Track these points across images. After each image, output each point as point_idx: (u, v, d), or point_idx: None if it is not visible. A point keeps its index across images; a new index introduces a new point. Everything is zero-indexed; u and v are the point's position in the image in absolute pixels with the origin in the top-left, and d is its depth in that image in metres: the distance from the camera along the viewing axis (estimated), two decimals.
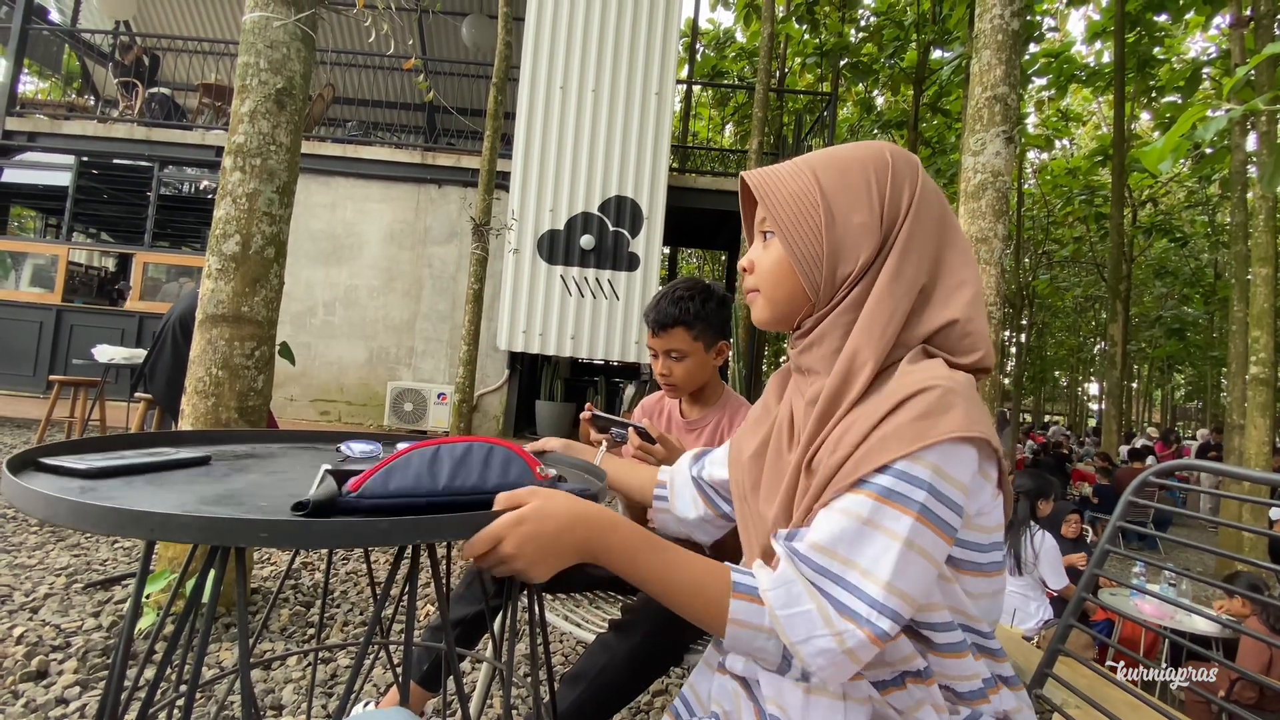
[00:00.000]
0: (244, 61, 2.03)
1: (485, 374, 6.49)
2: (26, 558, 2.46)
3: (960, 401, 0.58)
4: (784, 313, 0.69)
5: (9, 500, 0.61)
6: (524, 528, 0.58)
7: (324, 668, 1.80)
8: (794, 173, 0.67)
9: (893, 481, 0.57)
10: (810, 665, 0.57)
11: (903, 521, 0.56)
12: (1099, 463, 7.98)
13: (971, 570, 0.64)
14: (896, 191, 0.64)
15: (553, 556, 0.60)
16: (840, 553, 0.57)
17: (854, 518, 0.57)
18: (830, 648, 0.55)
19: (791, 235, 0.65)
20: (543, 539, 0.59)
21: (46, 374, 6.46)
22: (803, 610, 0.57)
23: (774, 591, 0.59)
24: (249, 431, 1.05)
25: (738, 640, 0.60)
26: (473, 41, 8.36)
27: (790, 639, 0.57)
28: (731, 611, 0.59)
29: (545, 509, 0.60)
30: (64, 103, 8.26)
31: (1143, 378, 26.39)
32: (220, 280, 1.99)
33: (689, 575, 0.61)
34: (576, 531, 0.60)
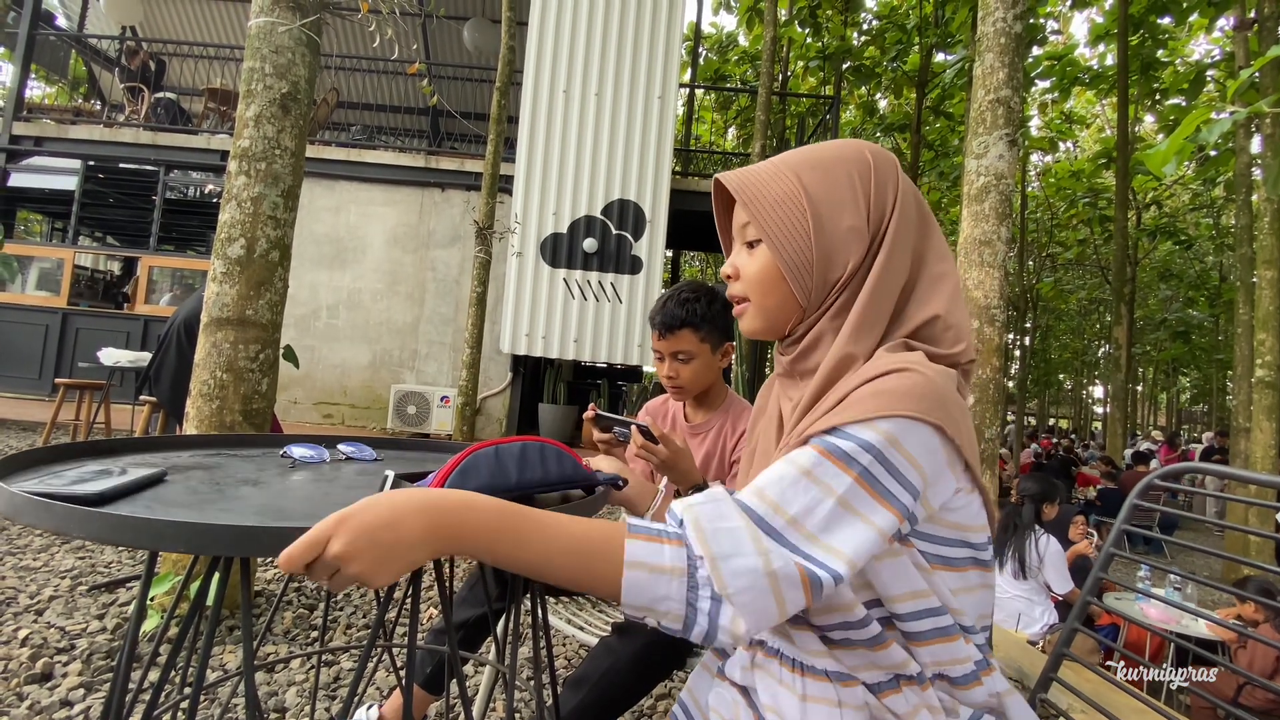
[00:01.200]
0: (249, 66, 2.04)
1: (488, 377, 6.50)
2: (32, 560, 2.47)
3: (933, 390, 0.57)
4: (775, 320, 0.68)
5: (7, 514, 0.61)
6: (351, 524, 0.49)
7: (327, 670, 1.80)
8: (775, 175, 0.65)
9: (839, 439, 0.56)
10: (730, 587, 0.51)
11: (842, 479, 0.54)
12: (1102, 467, 7.95)
13: (940, 565, 0.63)
14: (881, 192, 0.64)
15: (392, 552, 0.50)
16: (771, 495, 0.55)
17: (794, 466, 0.56)
18: (754, 566, 0.51)
19: (781, 242, 0.64)
20: (376, 533, 0.49)
21: (52, 377, 6.49)
22: (729, 526, 0.53)
23: (700, 507, 0.55)
24: (192, 438, 1.03)
25: (635, 591, 0.53)
26: (476, 46, 8.39)
27: (713, 551, 0.52)
28: (627, 554, 0.53)
29: (375, 500, 0.51)
30: (70, 107, 8.30)
31: (1148, 381, 26.28)
32: (225, 284, 2.00)
33: (574, 539, 0.54)
34: (413, 520, 0.51)
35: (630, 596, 0.53)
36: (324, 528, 0.49)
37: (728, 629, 0.52)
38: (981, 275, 2.21)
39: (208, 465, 0.90)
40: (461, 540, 0.52)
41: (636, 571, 0.53)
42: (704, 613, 0.52)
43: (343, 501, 0.53)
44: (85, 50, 9.17)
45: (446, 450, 1.22)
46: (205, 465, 0.90)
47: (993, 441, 2.21)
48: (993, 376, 2.20)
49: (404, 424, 6.34)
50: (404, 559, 0.51)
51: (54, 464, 0.82)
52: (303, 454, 0.98)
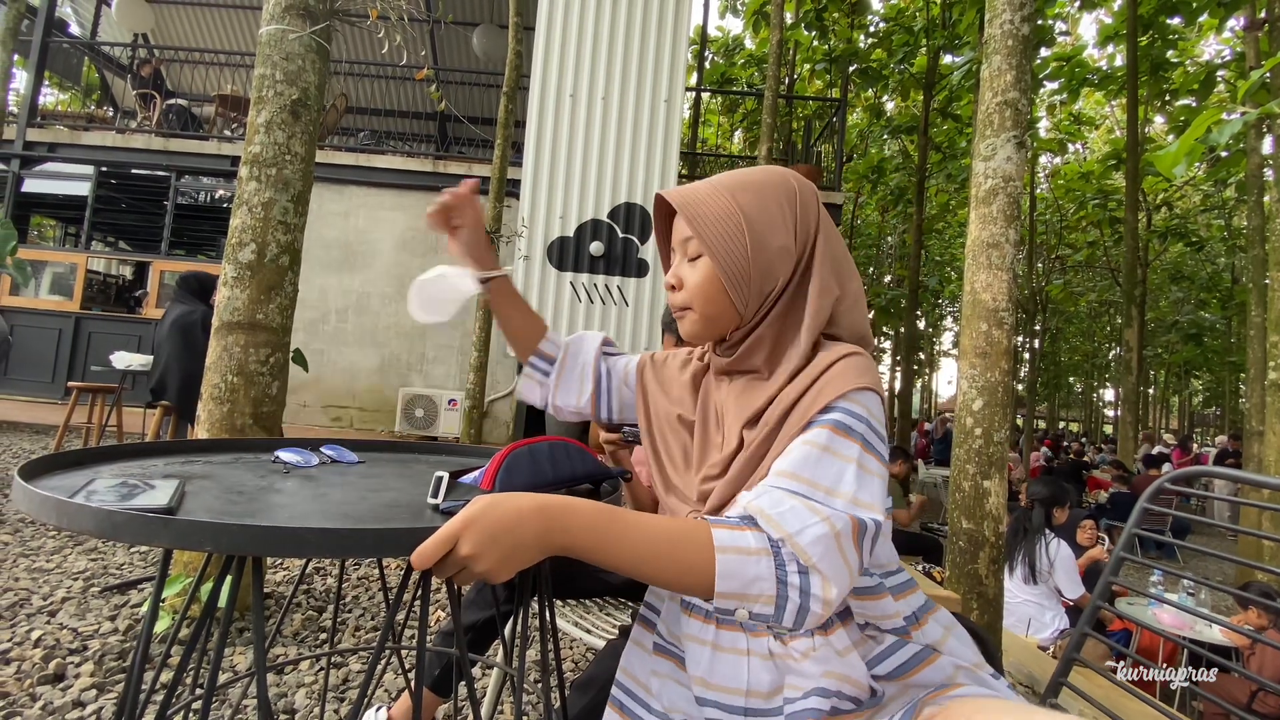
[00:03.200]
0: (260, 73, 2.06)
1: (496, 380, 6.52)
2: (45, 561, 2.50)
3: (873, 367, 0.70)
4: (715, 327, 0.76)
5: (27, 510, 0.62)
6: (478, 525, 0.55)
7: (336, 672, 1.81)
8: (713, 193, 0.73)
9: (840, 416, 0.65)
10: (812, 556, 0.58)
11: (852, 449, 0.64)
12: (1114, 470, 7.88)
13: None
14: (805, 216, 0.73)
15: (514, 552, 0.56)
16: (805, 475, 0.63)
17: (814, 446, 0.64)
18: (824, 533, 0.58)
19: (722, 257, 0.71)
20: (499, 534, 0.56)
21: (65, 380, 6.55)
22: (789, 506, 0.60)
23: (758, 500, 0.62)
24: (175, 443, 1.01)
25: (729, 575, 0.58)
26: (483, 51, 8.44)
27: (787, 530, 0.59)
28: (717, 541, 0.59)
29: (496, 504, 0.57)
30: (83, 114, 8.41)
31: (1159, 384, 26.05)
32: (236, 288, 2.02)
33: (664, 531, 0.60)
34: (532, 522, 0.57)
35: (725, 582, 0.58)
36: (453, 528, 0.56)
37: (819, 596, 0.58)
38: (989, 278, 2.20)
39: (207, 474, 0.91)
40: (571, 540, 0.58)
41: (728, 555, 0.58)
42: (795, 587, 0.58)
43: (384, 503, 0.54)
44: (98, 57, 9.29)
45: (425, 451, 1.23)
46: (206, 474, 0.91)
47: (1001, 444, 2.20)
48: (1001, 379, 2.19)
49: (412, 427, 6.36)
50: (522, 559, 0.57)
51: (70, 469, 0.83)
52: (292, 459, 0.99)
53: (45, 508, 0.61)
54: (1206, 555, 0.92)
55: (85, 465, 0.85)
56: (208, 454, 1.02)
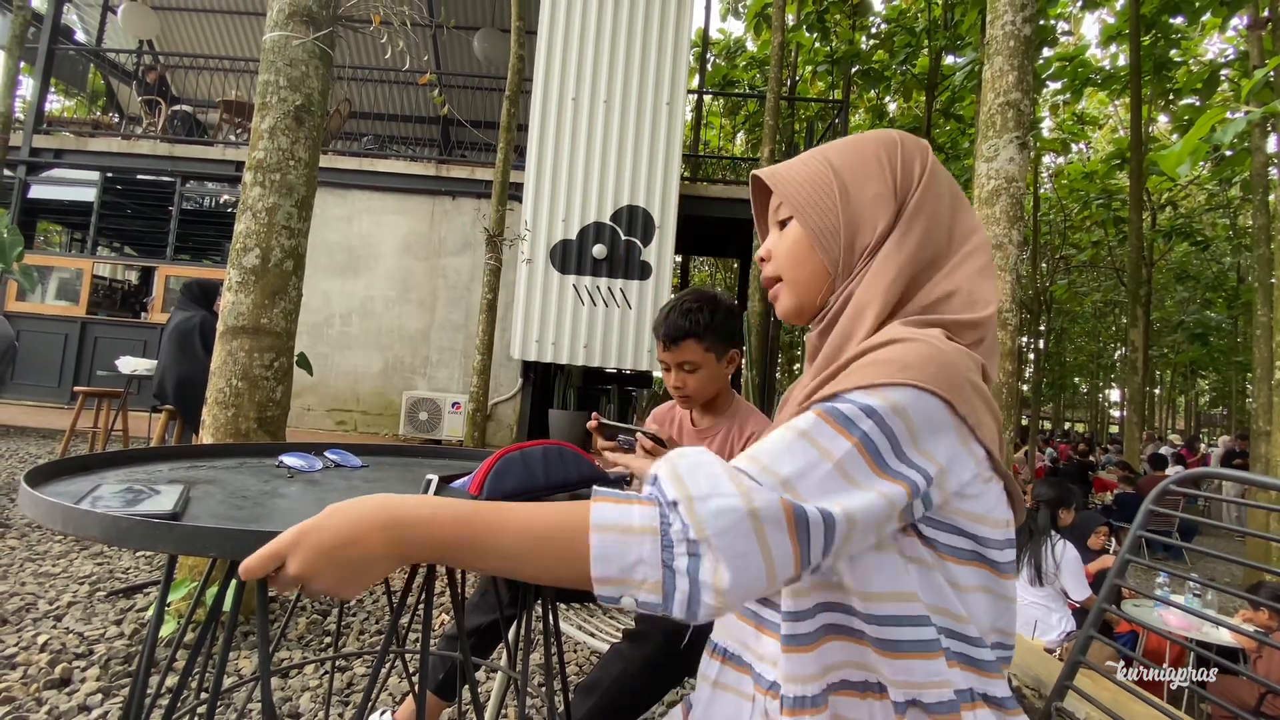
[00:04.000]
0: (264, 79, 2.07)
1: (499, 383, 6.53)
2: (51, 566, 2.51)
3: (944, 361, 0.54)
4: (806, 294, 0.68)
5: (34, 516, 0.62)
6: (309, 541, 0.48)
7: (340, 676, 1.81)
8: (806, 161, 0.68)
9: (841, 404, 0.53)
10: (707, 528, 0.46)
11: (839, 443, 0.51)
12: (1120, 471, 7.84)
13: (954, 557, 0.58)
14: (908, 164, 0.65)
15: (356, 567, 0.49)
16: (763, 458, 0.51)
17: (789, 429, 0.53)
18: (735, 506, 0.47)
19: (808, 211, 0.65)
20: (333, 551, 0.48)
21: (71, 385, 6.59)
22: (709, 471, 0.49)
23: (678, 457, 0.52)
24: (171, 449, 1.03)
25: (605, 560, 0.48)
26: (485, 55, 8.47)
27: (690, 491, 0.48)
28: (594, 518, 0.49)
29: (337, 514, 0.50)
30: (89, 120, 8.47)
31: (1165, 384, 25.93)
32: (240, 293, 2.03)
33: (540, 521, 0.51)
34: (376, 536, 0.49)
35: (600, 566, 0.48)
36: (282, 543, 0.49)
37: (709, 584, 0.47)
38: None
39: (212, 479, 0.91)
40: (424, 553, 0.51)
41: (604, 535, 0.48)
42: (681, 573, 0.47)
43: None
44: (103, 64, 9.35)
45: (433, 455, 1.24)
46: (210, 479, 0.92)
47: (1007, 445, 2.19)
48: (1005, 380, 2.18)
49: (416, 430, 6.37)
50: (369, 572, 0.50)
51: (76, 475, 0.83)
52: (296, 464, 0.99)
53: (52, 514, 0.61)
54: (1212, 557, 0.91)
55: (91, 470, 0.86)
56: (212, 459, 1.03)
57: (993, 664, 0.59)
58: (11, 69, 5.08)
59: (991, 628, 0.60)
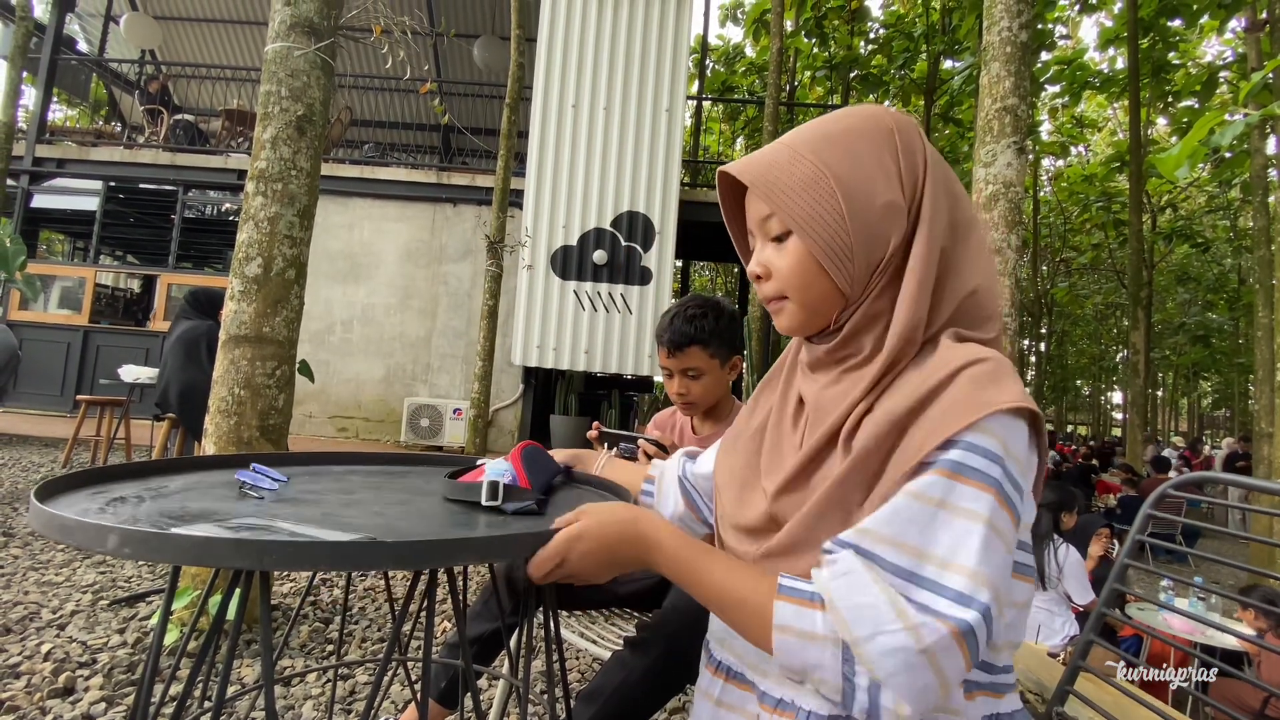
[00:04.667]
0: (266, 90, 2.09)
1: (500, 389, 6.54)
2: (54, 575, 2.51)
3: (1012, 375, 0.54)
4: (817, 315, 0.62)
5: (41, 529, 0.63)
6: (582, 544, 0.61)
7: (343, 684, 1.81)
8: (793, 158, 0.60)
9: (964, 455, 0.50)
10: (879, 671, 0.47)
11: (983, 500, 0.48)
12: (1122, 474, 7.82)
13: (1018, 573, 0.57)
14: (910, 160, 0.60)
15: (610, 567, 0.62)
16: (911, 543, 0.49)
17: (925, 501, 0.49)
18: (905, 645, 0.46)
19: (815, 231, 0.58)
20: (600, 554, 0.61)
21: (74, 394, 6.61)
22: (868, 601, 0.48)
23: (834, 582, 0.50)
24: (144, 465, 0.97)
25: (788, 653, 0.51)
26: (485, 63, 8.51)
27: (854, 634, 0.48)
28: (776, 617, 0.52)
29: (602, 525, 0.62)
30: (91, 130, 8.52)
31: (1168, 386, 25.89)
32: (243, 302, 2.04)
33: (729, 589, 0.57)
34: (628, 550, 0.62)
35: (782, 659, 0.52)
36: (563, 544, 0.61)
37: (891, 711, 0.47)
38: None
39: (220, 494, 0.92)
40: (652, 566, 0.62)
41: (786, 637, 0.51)
42: (863, 689, 0.48)
43: (393, 515, 0.59)
44: (106, 74, 9.41)
45: (423, 462, 1.23)
46: (219, 493, 0.92)
47: None
48: None
49: (417, 436, 6.38)
50: (618, 571, 0.63)
51: (87, 487, 0.84)
52: (254, 480, 0.91)
53: (62, 528, 0.62)
54: (1213, 561, 0.91)
55: (109, 481, 0.86)
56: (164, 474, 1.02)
57: (1006, 686, 0.58)
58: (14, 79, 5.12)
59: (1011, 642, 0.58)
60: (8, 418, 6.17)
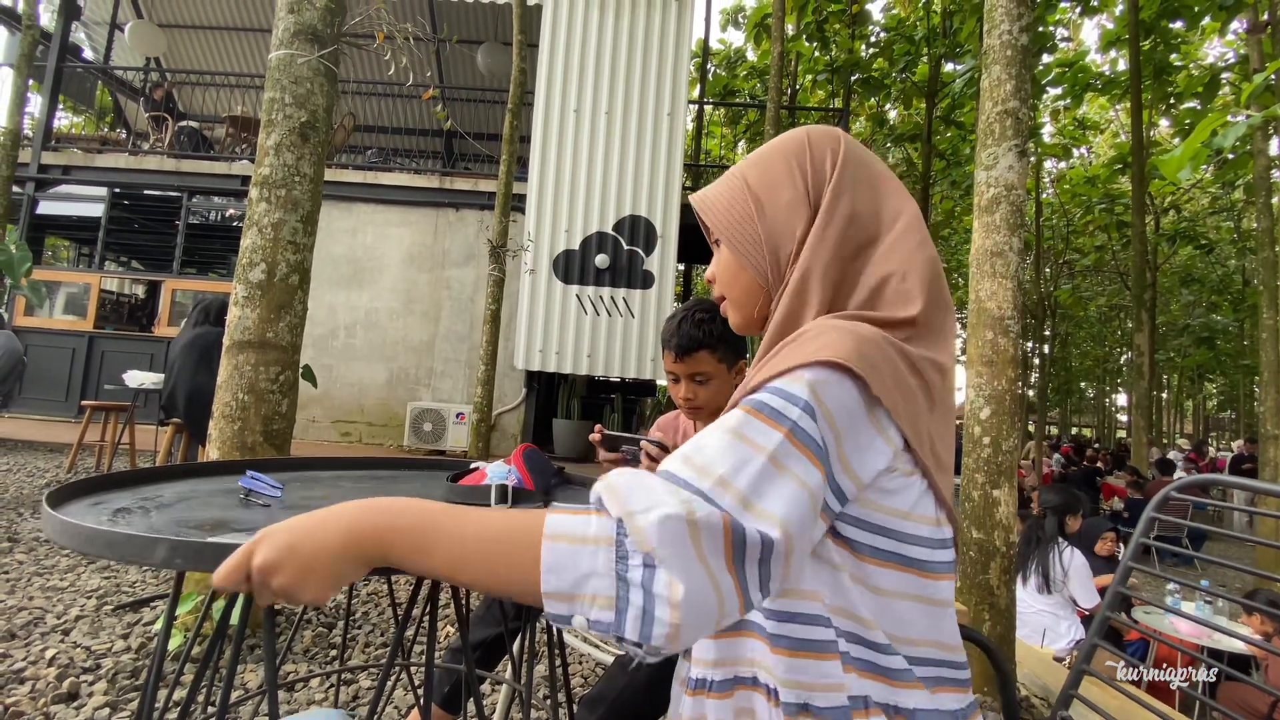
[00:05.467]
0: (270, 97, 2.10)
1: (503, 393, 6.54)
2: (59, 580, 2.52)
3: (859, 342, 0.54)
4: (748, 309, 0.70)
5: (49, 534, 0.63)
6: (272, 536, 0.49)
7: (346, 689, 1.81)
8: (726, 180, 0.70)
9: (766, 395, 0.53)
10: (652, 539, 0.44)
11: (771, 436, 0.50)
12: (1128, 477, 7.79)
13: (875, 559, 0.55)
14: (818, 161, 0.65)
15: (315, 562, 0.48)
16: (696, 459, 0.50)
17: (721, 429, 0.52)
18: (675, 513, 0.45)
19: (729, 232, 0.67)
20: (296, 543, 0.48)
21: (79, 399, 6.63)
22: (648, 484, 0.48)
23: (615, 474, 0.50)
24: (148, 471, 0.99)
25: (556, 573, 0.46)
26: (488, 69, 8.55)
27: (628, 507, 0.46)
28: (547, 526, 0.47)
29: (294, 518, 0.50)
30: (97, 137, 8.58)
31: (1173, 388, 25.79)
32: (247, 307, 2.05)
33: (496, 526, 0.49)
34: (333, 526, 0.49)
35: (551, 578, 0.46)
36: (246, 545, 0.49)
37: (665, 597, 0.44)
38: (994, 286, 2.20)
39: (225, 501, 0.92)
40: (386, 547, 0.49)
41: (557, 545, 0.46)
42: (635, 585, 0.45)
43: None
44: (111, 81, 9.47)
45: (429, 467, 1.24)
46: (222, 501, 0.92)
47: (1010, 453, 2.19)
48: (1008, 388, 2.18)
49: (420, 441, 6.39)
50: (330, 569, 0.48)
51: (95, 493, 0.84)
52: (257, 487, 0.95)
53: (76, 536, 0.62)
54: (1218, 564, 0.91)
55: (99, 491, 0.87)
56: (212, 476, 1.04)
57: (904, 673, 0.56)
58: (20, 86, 5.15)
59: (922, 637, 0.57)
60: (13, 423, 6.20)
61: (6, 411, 6.35)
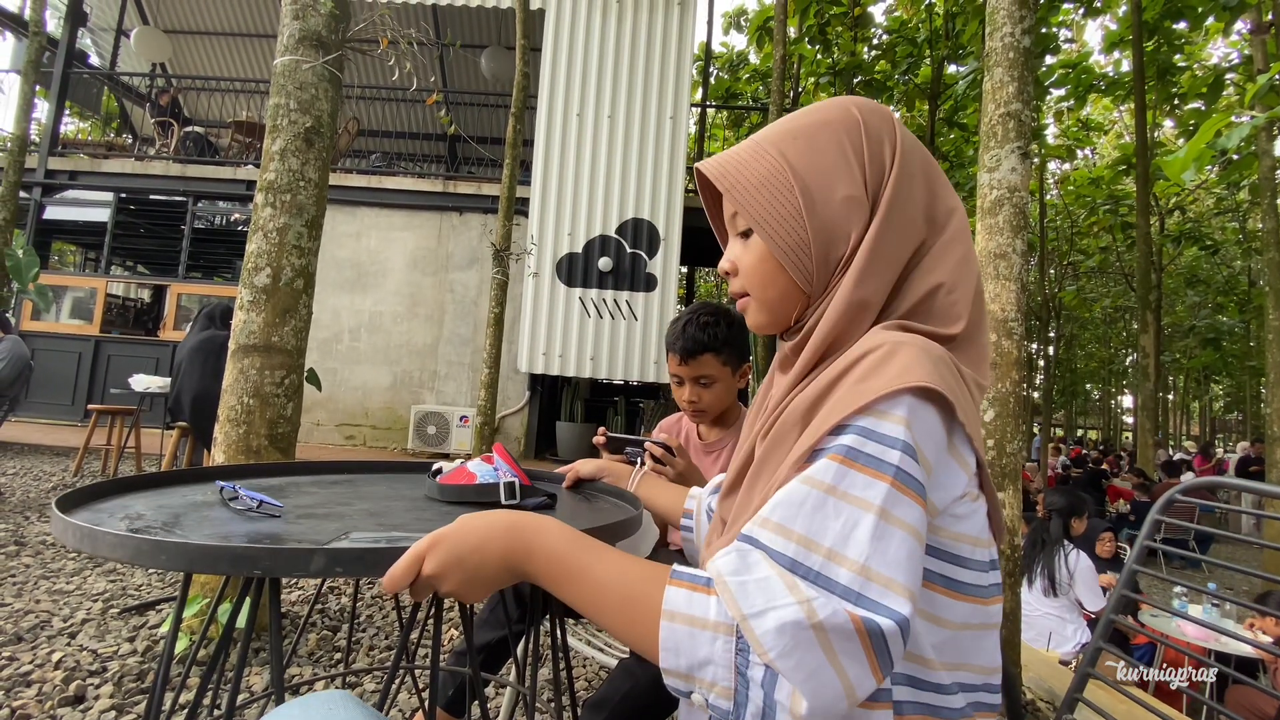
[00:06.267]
0: (275, 103, 2.11)
1: (506, 396, 6.55)
2: (65, 583, 2.53)
3: (931, 362, 0.49)
4: (779, 313, 0.61)
5: (58, 538, 0.64)
6: (443, 546, 0.53)
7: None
8: (756, 154, 0.58)
9: (857, 440, 0.47)
10: (770, 650, 0.42)
11: (876, 488, 0.45)
12: (1135, 479, 7.75)
13: (945, 588, 0.51)
14: (876, 150, 0.57)
15: (479, 574, 0.53)
16: (797, 529, 0.45)
17: (814, 486, 0.46)
18: (796, 619, 0.41)
19: (770, 228, 0.57)
20: (465, 554, 0.53)
21: (85, 403, 6.67)
22: (759, 577, 0.44)
23: (724, 559, 0.47)
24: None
25: (675, 647, 0.45)
26: (491, 73, 8.58)
27: (743, 610, 0.43)
28: (666, 602, 0.46)
29: (461, 526, 0.54)
30: (103, 142, 8.63)
31: (1179, 389, 25.66)
32: (252, 311, 2.06)
33: (621, 577, 0.49)
34: (499, 542, 0.53)
35: (668, 657, 0.45)
36: (420, 548, 0.53)
37: (786, 706, 0.42)
38: (998, 288, 2.19)
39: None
40: (533, 567, 0.53)
41: (675, 625, 0.45)
42: (756, 683, 0.43)
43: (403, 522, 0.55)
44: (117, 87, 9.54)
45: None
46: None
47: (1015, 455, 2.18)
48: (1012, 390, 2.18)
49: (424, 444, 6.40)
50: (490, 580, 0.53)
51: (108, 498, 0.85)
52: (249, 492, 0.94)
53: (107, 543, 0.63)
54: (1227, 569, 0.91)
55: (139, 491, 0.88)
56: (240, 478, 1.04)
57: (961, 711, 0.52)
58: (27, 93, 5.19)
59: (976, 664, 0.54)
60: (20, 427, 6.23)
61: (13, 415, 6.39)
